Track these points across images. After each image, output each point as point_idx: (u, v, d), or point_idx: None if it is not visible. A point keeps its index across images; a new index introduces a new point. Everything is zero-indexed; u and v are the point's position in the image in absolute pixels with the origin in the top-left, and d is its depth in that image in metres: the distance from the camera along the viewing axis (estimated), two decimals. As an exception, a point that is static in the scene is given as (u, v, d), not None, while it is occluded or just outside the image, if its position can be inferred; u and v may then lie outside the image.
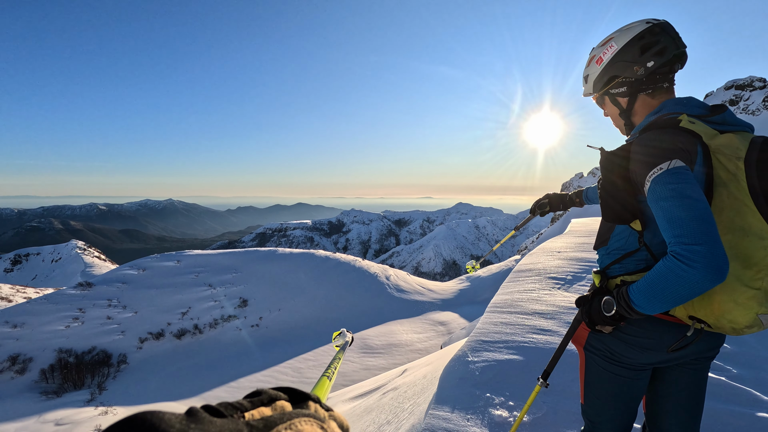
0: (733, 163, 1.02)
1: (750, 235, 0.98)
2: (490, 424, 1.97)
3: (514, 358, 2.54)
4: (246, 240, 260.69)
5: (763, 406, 2.18)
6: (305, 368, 30.50)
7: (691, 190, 0.98)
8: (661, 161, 1.03)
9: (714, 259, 0.90)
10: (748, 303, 0.98)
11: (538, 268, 4.59)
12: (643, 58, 1.20)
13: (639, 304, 1.03)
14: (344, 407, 6.21)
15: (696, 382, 1.29)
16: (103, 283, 42.19)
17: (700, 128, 1.08)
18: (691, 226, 0.94)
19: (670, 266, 0.95)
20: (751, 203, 0.98)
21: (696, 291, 0.93)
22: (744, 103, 75.93)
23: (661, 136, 1.08)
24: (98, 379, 29.52)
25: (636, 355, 1.22)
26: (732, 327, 1.03)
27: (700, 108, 1.15)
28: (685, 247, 0.93)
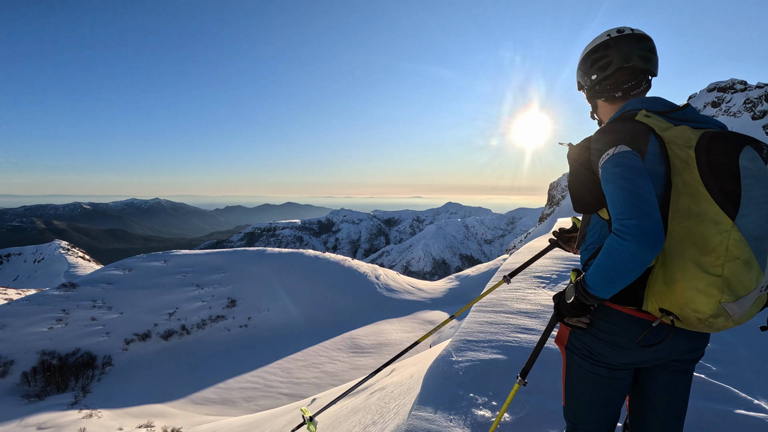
0: (684, 151, 1.07)
1: (706, 220, 1.01)
2: (472, 424, 1.97)
3: (498, 357, 2.55)
4: (234, 240, 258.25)
5: (742, 403, 2.22)
6: (294, 368, 30.35)
7: (630, 172, 1.06)
8: (608, 148, 1.14)
9: (646, 231, 0.98)
10: (709, 290, 1.00)
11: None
12: (590, 71, 1.39)
13: (591, 286, 1.09)
14: (332, 408, 6.19)
15: (679, 384, 1.30)
16: (88, 284, 41.44)
17: (654, 121, 1.15)
18: (627, 203, 1.03)
19: (610, 242, 1.04)
20: (704, 189, 1.02)
21: (634, 263, 1.00)
22: (726, 105, 77.54)
23: (613, 127, 1.19)
24: (82, 382, 29.00)
25: (613, 354, 1.23)
26: (697, 317, 1.04)
27: (662, 105, 1.23)
28: (621, 223, 1.02)
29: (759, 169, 1.01)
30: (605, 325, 1.23)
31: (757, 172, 1.00)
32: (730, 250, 0.98)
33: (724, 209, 0.99)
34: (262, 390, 27.42)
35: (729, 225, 0.98)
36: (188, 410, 25.02)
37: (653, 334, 1.17)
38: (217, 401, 26.31)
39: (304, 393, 24.88)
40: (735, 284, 0.99)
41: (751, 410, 2.16)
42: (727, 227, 0.98)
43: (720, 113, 76.65)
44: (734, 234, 0.98)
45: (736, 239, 0.98)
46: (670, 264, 1.07)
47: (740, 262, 0.98)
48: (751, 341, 2.95)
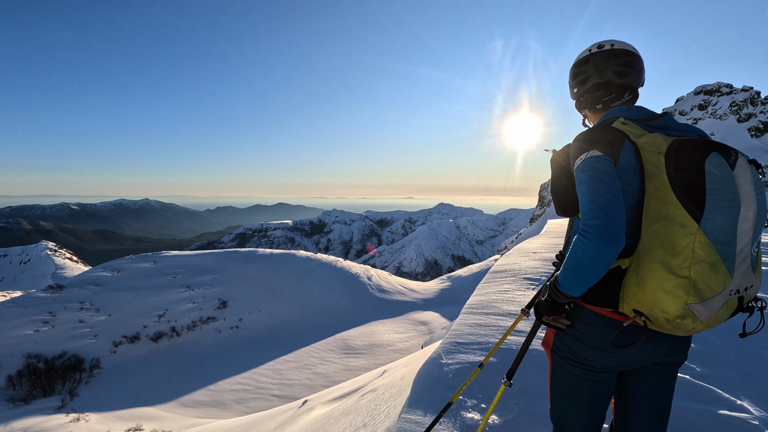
0: (655, 157, 1.12)
1: (674, 223, 1.06)
2: (462, 427, 1.98)
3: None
4: (225, 240, 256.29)
5: (725, 403, 2.27)
6: (286, 370, 30.20)
7: (600, 174, 1.13)
8: (582, 153, 1.21)
9: (606, 230, 1.05)
10: (675, 291, 1.04)
11: (514, 269, 4.66)
12: (573, 84, 1.49)
13: (561, 283, 1.16)
14: (323, 409, 6.18)
15: (661, 387, 1.32)
16: (75, 286, 40.82)
17: (629, 128, 1.20)
18: (591, 204, 1.11)
19: (576, 242, 1.11)
20: (672, 193, 1.06)
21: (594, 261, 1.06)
22: (712, 107, 78.85)
23: (589, 133, 1.25)
24: (69, 385, 28.54)
25: (593, 356, 1.26)
26: (665, 317, 1.07)
27: (642, 114, 1.29)
28: (585, 222, 1.10)
29: (724, 175, 1.04)
30: (585, 327, 1.26)
31: (722, 177, 1.03)
32: (696, 253, 1.02)
33: (690, 213, 1.03)
34: (253, 392, 27.23)
35: (695, 228, 1.02)
36: (178, 413, 24.76)
37: (627, 334, 1.20)
38: (208, 403, 26.08)
39: (295, 394, 24.77)
40: (701, 286, 1.02)
41: (734, 410, 2.20)
42: (693, 230, 1.02)
43: (707, 116, 77.94)
44: (700, 237, 1.01)
45: (702, 242, 1.01)
46: (641, 266, 1.11)
47: (706, 264, 1.01)
48: (735, 343, 3.01)
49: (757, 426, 2.09)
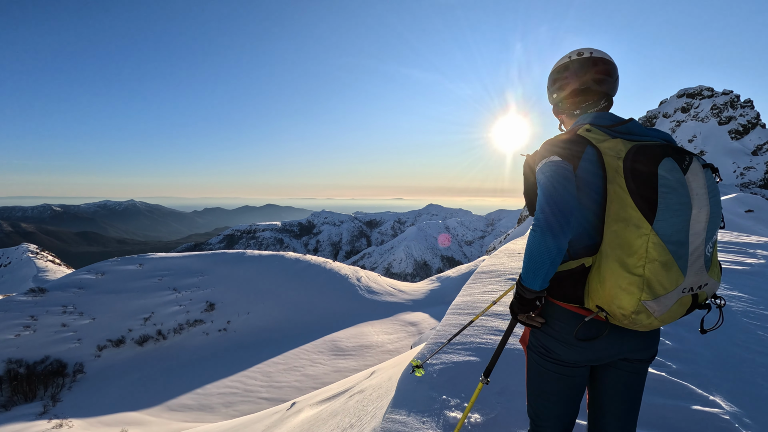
0: (615, 162, 1.19)
1: (630, 224, 1.13)
2: (445, 426, 2.02)
3: (471, 359, 2.61)
4: (213, 242, 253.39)
5: (699, 399, 2.35)
6: (275, 372, 29.99)
7: (554, 178, 1.22)
8: (542, 158, 1.30)
9: (547, 223, 1.17)
10: (631, 288, 1.11)
11: (499, 270, 4.73)
12: (552, 90, 1.54)
13: (523, 277, 1.26)
14: (311, 411, 6.17)
15: (630, 383, 1.38)
16: (58, 289, 39.99)
17: (593, 135, 1.27)
18: (542, 202, 1.21)
19: (528, 235, 1.23)
20: (628, 197, 1.14)
21: (542, 251, 1.18)
22: (694, 110, 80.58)
23: (552, 140, 1.32)
24: (52, 391, 27.93)
25: (564, 351, 1.32)
26: (621, 313, 1.15)
27: (609, 120, 1.35)
28: (534, 217, 1.22)
29: (676, 179, 1.10)
30: (556, 323, 1.33)
31: (673, 181, 1.10)
32: (650, 252, 1.09)
33: (644, 215, 1.10)
34: (241, 395, 26.99)
35: (648, 229, 1.09)
36: (164, 417, 24.41)
37: (591, 329, 1.27)
38: (195, 407, 25.76)
39: (284, 397, 24.61)
40: (654, 284, 1.10)
41: (707, 406, 2.28)
42: (647, 231, 1.09)
43: (689, 118, 79.61)
44: (653, 238, 1.08)
45: (655, 242, 1.08)
46: (602, 264, 1.19)
47: (659, 263, 1.09)
48: (710, 341, 3.11)
49: (728, 420, 2.17)
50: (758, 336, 3.29)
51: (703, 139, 77.29)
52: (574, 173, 1.23)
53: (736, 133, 74.62)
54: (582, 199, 1.23)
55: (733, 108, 75.80)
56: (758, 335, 3.30)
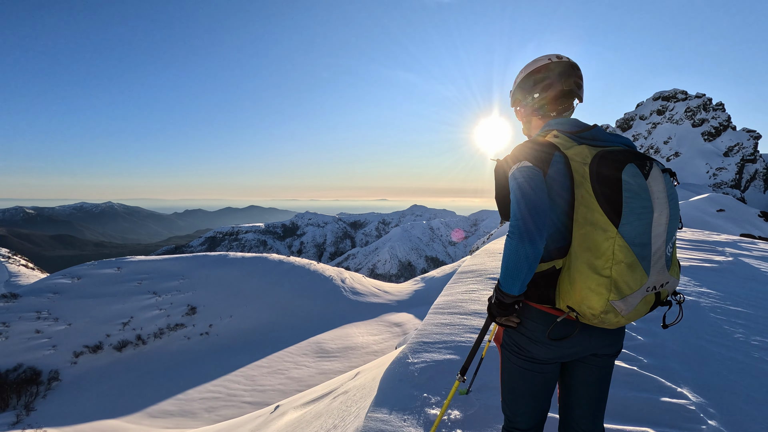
0: (582, 167, 1.24)
1: (597, 228, 1.18)
2: (425, 423, 2.07)
3: (452, 357, 2.67)
4: (194, 244, 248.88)
5: (667, 391, 2.45)
6: (258, 375, 29.66)
7: (526, 184, 1.25)
8: (514, 163, 1.33)
9: (523, 230, 1.20)
10: (599, 289, 1.16)
11: (480, 270, 4.82)
12: (533, 89, 1.52)
13: (501, 282, 1.29)
14: (295, 414, 6.16)
15: (598, 377, 1.45)
16: (31, 294, 38.73)
17: (561, 141, 1.32)
18: (515, 208, 1.25)
19: (505, 242, 1.26)
20: (595, 201, 1.19)
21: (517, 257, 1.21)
22: (669, 113, 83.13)
23: (522, 145, 1.36)
24: (25, 399, 27.01)
25: (536, 349, 1.37)
26: (591, 313, 1.20)
27: (575, 126, 1.40)
28: (511, 224, 1.25)
29: (638, 184, 1.16)
30: (529, 322, 1.38)
31: (636, 186, 1.16)
32: (616, 254, 1.15)
33: (610, 218, 1.16)
34: (224, 399, 26.62)
35: (614, 232, 1.15)
36: (145, 424, 23.88)
37: (563, 328, 1.32)
38: (176, 413, 25.28)
39: (268, 400, 24.37)
40: (621, 284, 1.16)
41: (675, 398, 2.39)
42: (613, 234, 1.15)
43: (665, 120, 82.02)
44: (619, 240, 1.15)
45: (621, 245, 1.14)
46: (572, 266, 1.25)
47: (624, 265, 1.15)
48: (679, 335, 3.25)
49: (694, 411, 2.27)
50: (724, 330, 3.44)
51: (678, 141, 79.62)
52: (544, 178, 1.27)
53: (709, 135, 77.23)
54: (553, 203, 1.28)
55: (705, 111, 78.47)
56: (724, 329, 3.46)
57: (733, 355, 2.98)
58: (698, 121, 77.61)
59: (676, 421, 2.20)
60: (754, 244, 7.70)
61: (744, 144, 74.87)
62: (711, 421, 2.20)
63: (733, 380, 2.68)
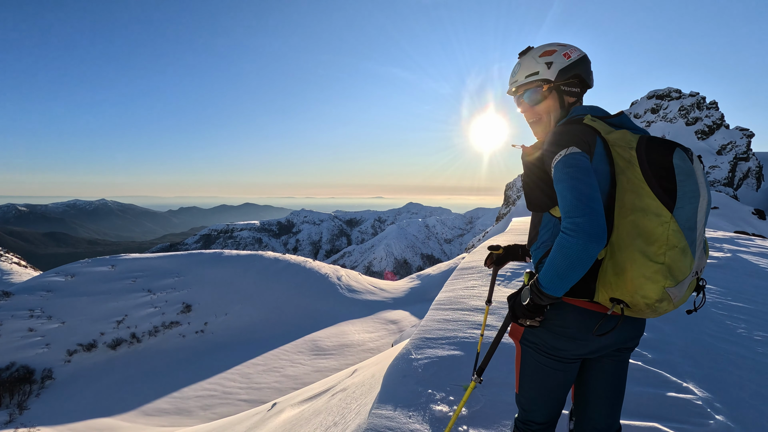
0: (627, 152, 1.20)
1: (649, 213, 1.14)
2: (431, 419, 2.03)
3: (456, 353, 2.63)
4: (189, 242, 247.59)
5: (673, 386, 2.43)
6: (254, 374, 29.57)
7: (580, 172, 1.16)
8: (560, 149, 1.23)
9: (591, 228, 1.08)
10: (655, 276, 1.12)
11: (480, 266, 4.79)
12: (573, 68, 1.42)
13: (545, 285, 1.16)
14: (293, 411, 6.12)
15: (618, 372, 1.42)
16: (24, 292, 38.35)
17: (599, 125, 1.28)
18: (575, 203, 1.12)
19: (560, 240, 1.13)
20: (646, 186, 1.15)
21: (582, 258, 1.09)
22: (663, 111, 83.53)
23: (564, 129, 1.28)
24: (18, 398, 26.77)
25: (568, 346, 1.32)
26: (645, 302, 1.15)
27: (602, 112, 1.37)
28: (570, 221, 1.12)
29: (688, 168, 1.16)
30: (560, 319, 1.32)
31: (687, 169, 1.15)
32: (670, 240, 1.12)
33: (664, 203, 1.13)
34: (219, 397, 26.51)
35: (668, 217, 1.12)
36: (140, 422, 23.74)
37: (605, 322, 1.28)
38: (172, 411, 25.16)
39: (264, 398, 24.30)
40: (675, 270, 1.12)
41: (680, 392, 2.37)
42: (667, 219, 1.12)
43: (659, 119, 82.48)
44: (673, 225, 1.12)
45: (675, 230, 1.12)
46: (618, 255, 1.19)
47: (678, 250, 1.12)
48: (682, 330, 3.23)
49: (701, 405, 2.26)
50: (726, 325, 3.44)
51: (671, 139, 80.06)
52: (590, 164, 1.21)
53: (702, 133, 77.75)
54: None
55: (699, 109, 78.97)
56: (726, 324, 3.45)
57: (737, 351, 2.98)
58: (692, 120, 78.13)
59: (683, 416, 2.18)
60: (751, 240, 7.73)
61: (737, 142, 75.52)
62: (718, 416, 2.19)
63: (739, 375, 2.66)
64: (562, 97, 1.43)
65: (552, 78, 1.42)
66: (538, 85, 1.45)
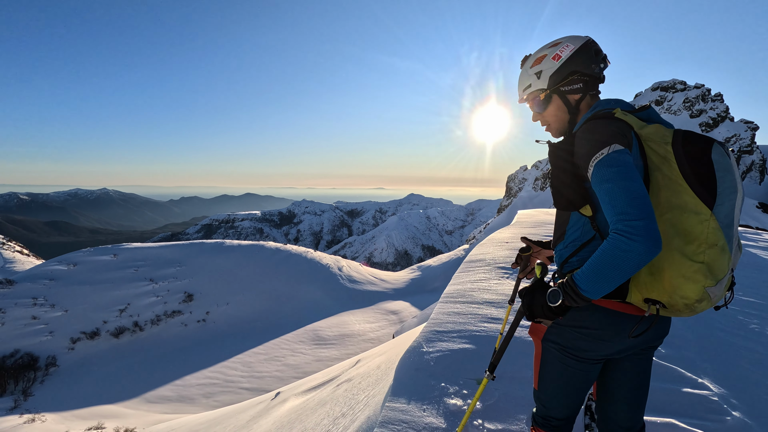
0: (662, 147, 1.15)
1: (687, 211, 1.10)
2: (445, 413, 2.02)
3: (467, 347, 2.61)
4: (191, 232, 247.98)
5: (688, 382, 2.41)
6: (255, 362, 29.81)
7: (629, 171, 1.09)
8: (602, 147, 1.15)
9: (652, 232, 1.01)
10: (695, 276, 1.07)
11: (488, 259, 4.76)
12: (596, 59, 1.35)
13: (586, 288, 1.09)
14: (297, 400, 6.14)
15: (643, 370, 1.39)
16: (27, 280, 38.56)
17: (631, 119, 1.22)
18: (632, 204, 1.05)
19: (615, 243, 1.04)
20: (684, 182, 1.10)
21: (639, 263, 1.02)
22: (668, 103, 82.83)
23: (600, 125, 1.20)
24: (23, 385, 27.08)
25: (594, 347, 1.29)
26: (684, 303, 1.11)
27: (629, 106, 1.32)
28: (627, 223, 1.03)
29: (726, 163, 1.11)
30: (589, 321, 1.27)
31: (725, 165, 1.11)
32: (709, 238, 1.07)
33: (703, 200, 1.08)
34: (221, 385, 26.77)
35: (708, 214, 1.08)
36: (142, 409, 24.02)
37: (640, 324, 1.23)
38: (174, 399, 25.44)
39: (266, 387, 24.53)
40: (715, 269, 1.08)
41: (696, 388, 2.35)
42: (707, 216, 1.08)
43: (662, 111, 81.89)
44: (713, 222, 1.07)
45: (714, 227, 1.07)
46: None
47: (718, 248, 1.07)
48: (694, 325, 3.20)
49: (717, 402, 2.23)
50: (738, 321, 3.41)
51: (675, 132, 79.62)
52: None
53: (707, 126, 77.19)
54: None
55: (704, 101, 78.33)
56: (738, 320, 3.42)
57: (751, 346, 2.95)
58: (696, 112, 77.53)
59: (699, 413, 2.15)
60: (759, 235, 7.69)
61: (741, 135, 75.02)
62: (735, 413, 2.16)
63: (753, 371, 2.64)
64: (565, 98, 1.39)
65: (545, 86, 1.40)
66: (535, 96, 1.44)
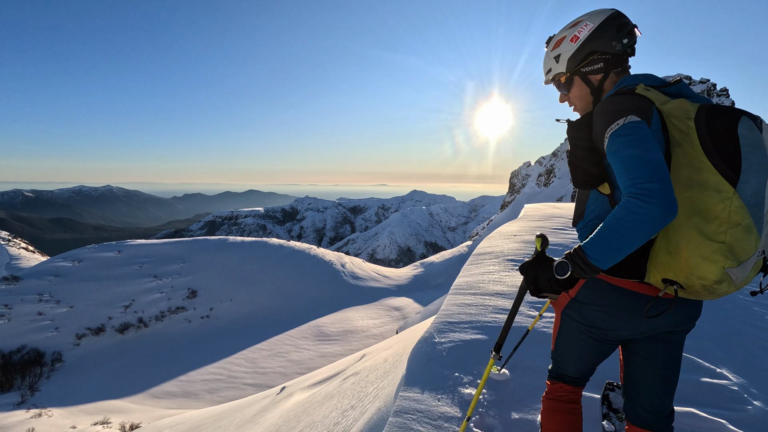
0: (684, 123, 1.10)
1: (708, 189, 1.04)
2: (460, 402, 1.99)
3: (479, 337, 2.58)
4: (194, 228, 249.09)
5: (707, 372, 2.37)
6: (259, 358, 29.95)
7: (644, 139, 1.05)
8: (618, 117, 1.12)
9: (668, 194, 0.97)
10: (714, 257, 1.02)
11: (496, 251, 4.71)
12: (619, 35, 1.29)
13: (595, 256, 1.03)
14: (303, 395, 6.13)
15: (672, 355, 1.34)
16: (32, 277, 38.84)
17: (653, 95, 1.17)
18: (647, 168, 1.00)
19: (629, 206, 0.98)
20: (705, 159, 1.05)
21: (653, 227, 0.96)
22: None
23: (617, 99, 1.18)
24: (30, 380, 27.32)
25: (611, 327, 1.27)
26: (702, 284, 1.06)
27: (656, 81, 1.25)
28: (642, 186, 0.99)
29: (755, 138, 1.04)
30: (608, 299, 1.25)
31: (753, 140, 1.04)
32: (732, 217, 1.01)
33: (726, 177, 1.02)
34: (225, 381, 26.92)
35: (731, 192, 1.01)
36: (148, 405, 24.19)
37: (656, 304, 1.20)
38: (179, 394, 25.60)
39: (269, 382, 24.64)
40: (737, 250, 1.02)
41: (715, 378, 2.30)
42: (729, 194, 1.01)
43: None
44: (736, 201, 1.01)
45: (738, 206, 1.01)
46: (672, 234, 1.09)
47: (741, 228, 1.01)
48: (708, 314, 3.15)
49: (737, 391, 2.19)
50: (754, 311, 3.35)
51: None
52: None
53: (712, 121, 76.85)
54: None
55: (709, 96, 77.86)
56: (754, 311, 3.37)
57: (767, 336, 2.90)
58: (702, 108, 77.18)
59: (720, 402, 2.11)
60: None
61: (747, 131, 74.77)
62: (756, 402, 2.12)
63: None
64: (587, 79, 1.36)
65: (564, 70, 1.40)
66: (557, 80, 1.45)
